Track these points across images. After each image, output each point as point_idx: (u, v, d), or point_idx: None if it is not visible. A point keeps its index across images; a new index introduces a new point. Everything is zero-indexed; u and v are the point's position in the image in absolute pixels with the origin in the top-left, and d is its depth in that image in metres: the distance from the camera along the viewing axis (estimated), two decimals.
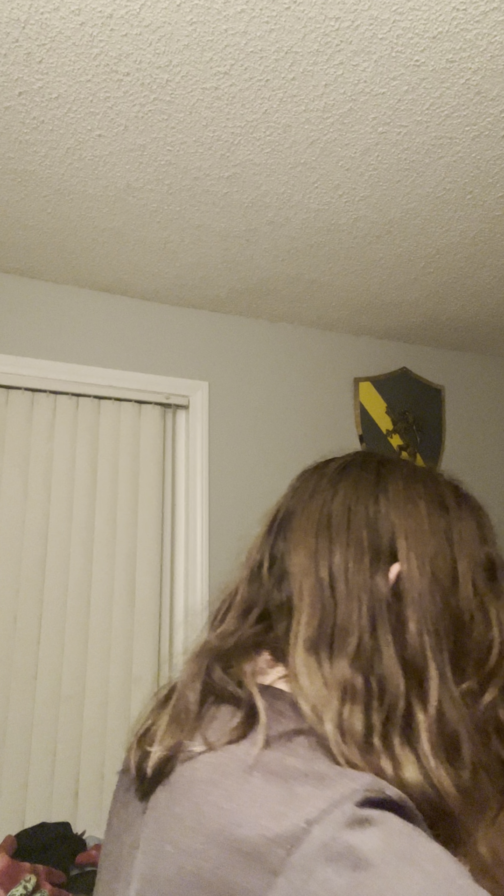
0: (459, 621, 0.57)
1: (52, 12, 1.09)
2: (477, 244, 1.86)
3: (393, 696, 0.53)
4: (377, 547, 0.59)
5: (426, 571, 0.58)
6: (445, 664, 0.56)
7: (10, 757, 1.69)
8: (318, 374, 2.41)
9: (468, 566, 0.59)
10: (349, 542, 0.60)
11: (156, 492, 2.01)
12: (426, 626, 0.56)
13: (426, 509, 0.61)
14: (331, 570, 0.59)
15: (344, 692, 0.53)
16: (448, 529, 0.61)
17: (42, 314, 2.01)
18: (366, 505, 0.62)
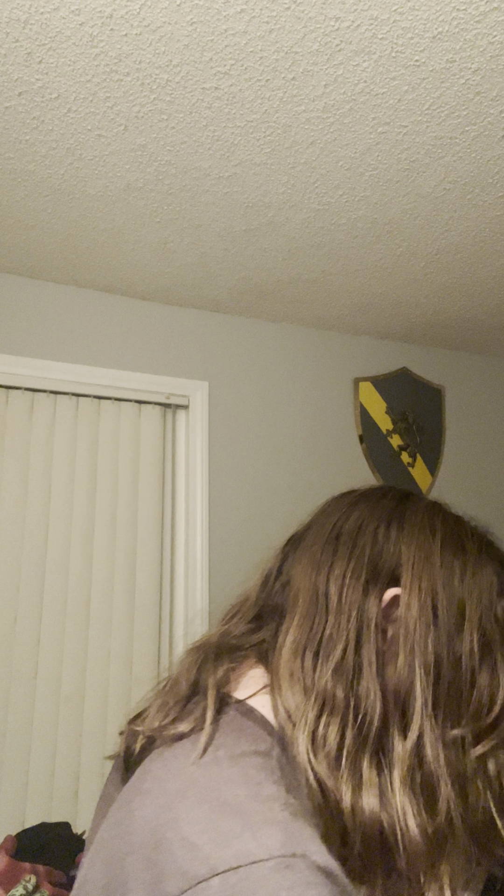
0: (459, 665, 0.56)
1: (52, 12, 1.09)
2: (477, 244, 1.86)
3: (368, 716, 0.53)
4: (378, 568, 0.59)
5: (426, 604, 0.57)
6: (436, 701, 0.54)
7: (10, 757, 1.69)
8: (318, 374, 2.41)
9: (478, 612, 0.57)
10: (351, 558, 0.60)
11: (156, 492, 2.01)
12: (418, 657, 0.55)
13: (441, 545, 0.60)
14: (328, 580, 0.59)
15: (323, 703, 0.53)
16: (462, 569, 0.59)
17: (42, 314, 2.01)
18: (377, 526, 0.61)
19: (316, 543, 0.63)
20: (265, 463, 2.23)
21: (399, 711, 0.54)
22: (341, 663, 0.55)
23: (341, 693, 0.53)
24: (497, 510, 2.64)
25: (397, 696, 0.55)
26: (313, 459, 2.32)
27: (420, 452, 2.52)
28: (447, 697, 0.55)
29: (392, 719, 0.54)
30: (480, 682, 0.56)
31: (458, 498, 2.57)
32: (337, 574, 0.59)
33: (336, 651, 0.55)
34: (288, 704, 0.53)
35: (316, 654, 0.56)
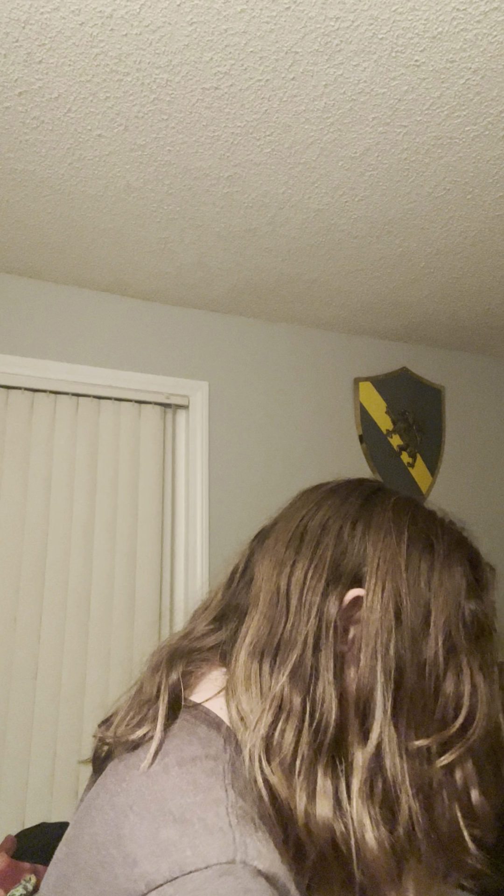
0: (423, 671, 0.53)
1: (52, 12, 1.09)
2: (477, 244, 1.86)
3: (324, 721, 0.51)
4: (340, 568, 0.57)
5: (389, 607, 0.54)
6: (397, 708, 0.52)
7: (10, 757, 1.69)
8: (318, 374, 2.41)
9: (444, 616, 0.55)
10: (313, 557, 0.58)
11: (156, 492, 2.01)
12: (380, 661, 0.53)
13: (408, 545, 0.58)
14: (289, 581, 0.57)
15: (279, 709, 0.51)
16: (429, 572, 0.57)
17: (42, 314, 2.01)
18: (341, 525, 0.59)
19: (280, 540, 0.61)
20: (265, 463, 2.23)
21: (359, 718, 0.52)
22: (298, 667, 0.53)
23: (298, 698, 0.51)
24: (497, 510, 2.64)
25: (357, 701, 0.53)
26: (313, 459, 2.32)
27: (420, 452, 2.52)
28: (410, 704, 0.53)
29: (351, 726, 0.52)
30: (446, 690, 0.54)
31: (458, 498, 2.57)
32: (298, 574, 0.57)
33: (293, 654, 0.54)
34: (242, 708, 0.52)
35: (273, 656, 0.54)
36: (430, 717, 0.53)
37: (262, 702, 0.52)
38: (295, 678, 0.53)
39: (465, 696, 0.54)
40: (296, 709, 0.51)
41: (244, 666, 0.55)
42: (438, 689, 0.53)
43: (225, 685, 0.56)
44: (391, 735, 0.51)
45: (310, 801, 0.48)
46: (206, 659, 0.60)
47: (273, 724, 0.50)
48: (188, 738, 0.51)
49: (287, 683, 0.52)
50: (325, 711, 0.51)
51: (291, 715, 0.51)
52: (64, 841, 0.50)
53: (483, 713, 0.54)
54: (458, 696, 0.54)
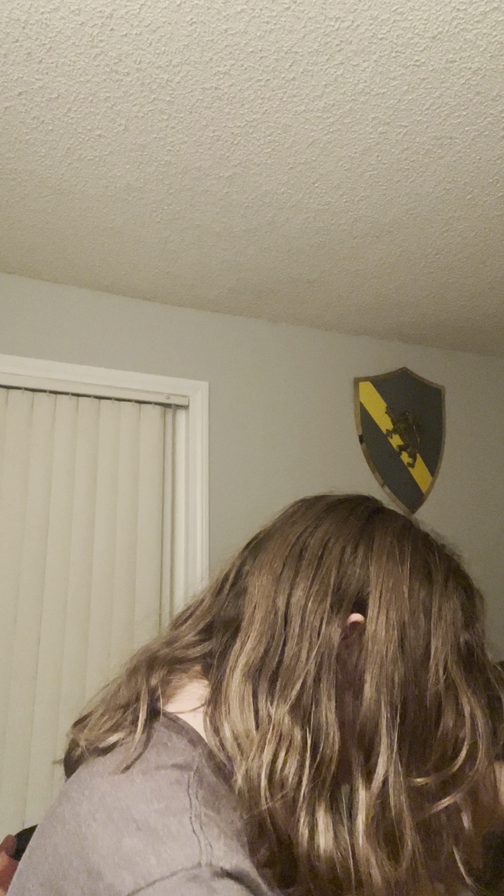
0: (424, 705, 0.52)
1: (52, 12, 1.09)
2: (477, 244, 1.86)
3: (326, 757, 0.50)
4: (342, 592, 0.55)
5: (394, 636, 0.53)
6: (402, 745, 0.51)
7: (10, 757, 1.69)
8: (318, 374, 2.41)
9: (444, 646, 0.54)
10: (314, 579, 0.56)
11: (156, 492, 2.01)
12: (385, 694, 0.51)
13: (409, 571, 0.56)
14: (289, 602, 0.55)
15: (280, 740, 0.49)
16: (428, 601, 0.55)
17: (42, 314, 2.01)
18: (344, 546, 0.57)
19: (277, 555, 0.59)
20: (265, 463, 2.23)
21: (363, 752, 0.51)
22: (301, 697, 0.51)
23: (299, 730, 0.50)
24: (497, 510, 2.64)
25: (362, 736, 0.51)
26: (313, 459, 2.32)
27: (420, 452, 2.52)
28: (412, 739, 0.51)
29: (354, 761, 0.51)
30: (445, 725, 0.52)
31: (458, 498, 2.57)
32: (299, 595, 0.55)
33: (296, 682, 0.52)
34: (237, 730, 0.50)
35: (272, 681, 0.52)
36: (430, 752, 0.52)
37: (258, 730, 0.50)
38: (297, 709, 0.51)
39: (464, 732, 0.53)
40: (297, 742, 0.50)
41: (239, 688, 0.53)
42: (438, 723, 0.52)
43: (207, 700, 0.54)
44: (397, 772, 0.50)
45: (311, 835, 0.47)
46: (186, 670, 0.58)
47: (274, 756, 0.49)
48: (158, 749, 0.49)
49: (289, 714, 0.51)
50: (329, 744, 0.50)
51: (292, 748, 0.49)
52: (28, 851, 0.49)
53: (483, 751, 0.53)
54: (458, 731, 0.53)
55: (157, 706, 0.54)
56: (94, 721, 0.54)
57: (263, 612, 0.56)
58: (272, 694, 0.52)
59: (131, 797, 0.45)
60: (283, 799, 0.48)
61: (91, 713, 0.57)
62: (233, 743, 0.50)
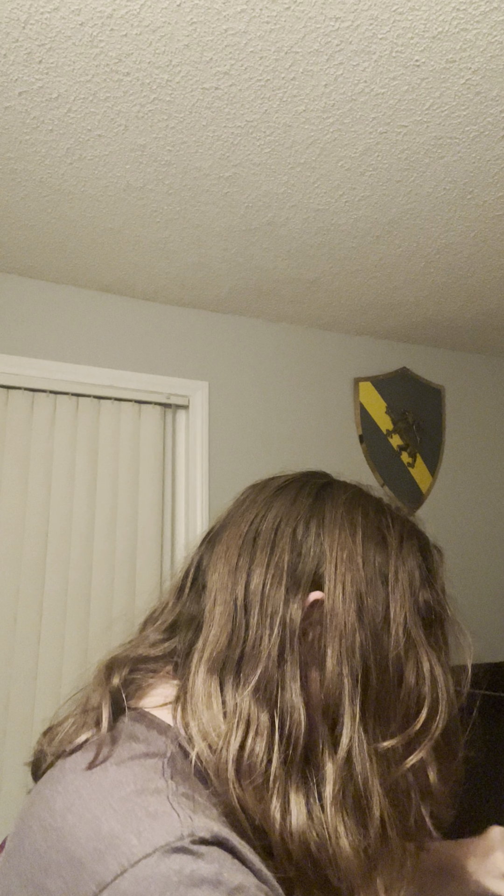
0: (387, 669, 0.53)
1: (52, 12, 1.09)
2: (477, 244, 1.86)
3: (294, 735, 0.50)
4: (299, 572, 0.55)
5: (352, 606, 0.53)
6: (365, 712, 0.51)
7: (11, 757, 1.69)
8: (318, 374, 2.41)
9: (402, 609, 0.54)
10: (269, 564, 0.56)
11: (156, 492, 2.01)
12: (346, 666, 0.52)
13: (362, 541, 0.56)
14: (247, 590, 0.55)
15: (247, 726, 0.50)
16: (384, 566, 0.56)
17: (42, 314, 2.01)
18: (295, 527, 0.57)
19: (231, 546, 0.59)
20: (265, 463, 2.23)
21: (327, 724, 0.51)
22: (263, 681, 0.51)
23: (265, 714, 0.50)
24: (497, 510, 2.64)
25: (326, 709, 0.52)
26: (313, 459, 2.32)
27: (420, 452, 2.52)
28: (376, 705, 0.52)
29: (320, 734, 0.51)
30: (407, 683, 0.53)
31: (458, 498, 2.57)
32: (256, 582, 0.55)
33: (257, 668, 0.52)
34: (204, 727, 0.50)
35: (236, 672, 0.53)
36: (394, 714, 0.53)
37: (226, 720, 0.50)
38: (260, 693, 0.51)
39: (426, 689, 0.53)
40: (263, 725, 0.50)
41: (204, 683, 0.53)
42: (401, 684, 0.53)
43: (175, 698, 0.54)
44: (360, 740, 0.51)
45: (283, 816, 0.48)
46: (155, 670, 0.58)
47: (242, 743, 0.49)
48: (128, 742, 0.49)
49: (252, 699, 0.51)
50: (294, 724, 0.50)
51: (259, 732, 0.49)
52: (5, 855, 0.48)
53: (444, 705, 0.54)
54: (420, 689, 0.53)
55: (123, 704, 0.54)
56: (64, 731, 0.54)
57: (223, 605, 0.56)
58: (236, 684, 0.52)
59: (106, 786, 0.45)
60: (253, 784, 0.48)
61: (61, 723, 0.56)
62: (201, 741, 0.49)
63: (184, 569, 0.65)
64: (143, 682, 0.57)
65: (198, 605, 0.60)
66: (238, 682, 0.52)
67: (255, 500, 0.62)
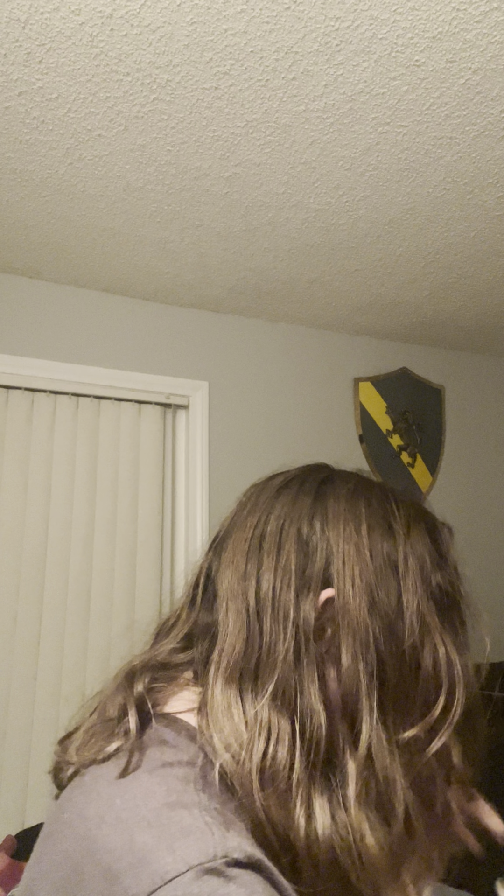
0: (403, 659, 0.52)
1: (53, 12, 1.09)
2: (477, 244, 1.85)
3: (315, 737, 0.49)
4: (308, 572, 0.54)
5: (363, 600, 0.53)
6: (383, 705, 0.51)
7: (10, 757, 1.69)
8: (318, 374, 2.41)
9: (414, 597, 0.54)
10: (277, 567, 0.55)
11: (156, 492, 2.01)
12: (362, 661, 0.51)
13: (368, 532, 0.56)
14: (258, 596, 0.54)
15: (269, 736, 0.49)
16: (393, 554, 0.55)
17: (42, 314, 2.01)
18: (299, 526, 0.57)
19: (238, 551, 0.58)
20: (265, 463, 2.23)
21: (347, 723, 0.51)
22: (281, 687, 0.51)
23: (285, 720, 0.50)
24: (497, 510, 2.64)
25: (345, 707, 0.51)
26: (313, 459, 2.31)
27: (420, 452, 2.52)
28: (395, 696, 0.52)
29: (340, 733, 0.51)
30: (425, 670, 0.53)
31: (458, 498, 2.57)
32: (266, 587, 0.54)
33: (274, 674, 0.51)
34: (226, 738, 0.50)
35: (254, 680, 0.52)
36: (413, 703, 0.52)
37: (247, 730, 0.50)
38: (279, 700, 0.51)
39: (443, 673, 0.53)
40: (284, 731, 0.49)
41: (223, 693, 0.52)
42: (418, 672, 0.53)
43: (199, 706, 0.54)
44: (380, 735, 0.50)
45: (308, 822, 0.47)
46: (175, 678, 0.57)
47: (264, 752, 0.49)
48: (159, 748, 0.49)
49: (271, 706, 0.50)
50: (315, 727, 0.50)
51: (281, 739, 0.49)
52: (35, 857, 0.47)
53: (462, 687, 0.53)
54: (437, 674, 0.53)
55: (149, 710, 0.53)
56: (83, 741, 0.53)
57: (235, 613, 0.55)
58: (255, 692, 0.52)
59: (139, 796, 0.45)
60: (276, 792, 0.48)
61: (76, 730, 0.55)
62: (225, 753, 0.49)
63: (193, 577, 0.64)
64: (167, 689, 0.56)
65: (211, 614, 0.59)
66: (256, 690, 0.52)
67: (258, 502, 0.62)
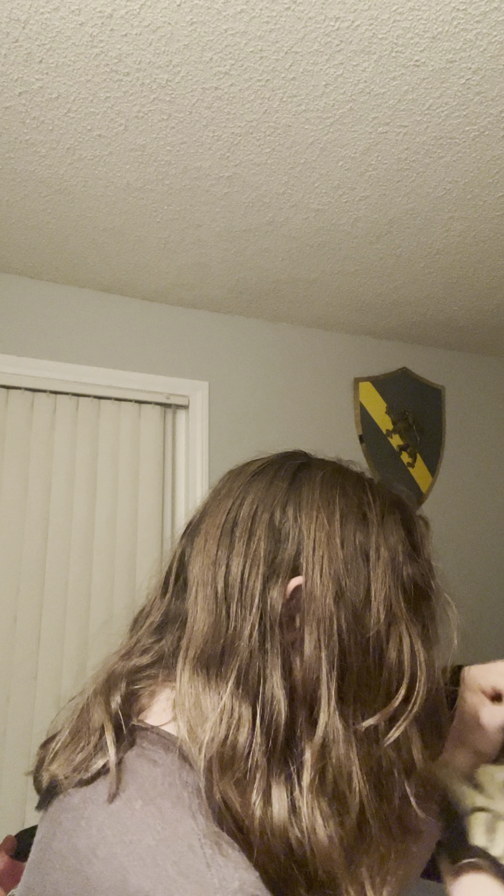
0: (367, 649, 0.51)
1: (52, 12, 1.09)
2: (477, 244, 1.85)
3: (274, 723, 0.49)
4: (278, 560, 0.53)
5: (330, 588, 0.52)
6: (343, 694, 0.50)
7: (10, 757, 1.69)
8: (318, 374, 2.41)
9: (383, 587, 0.53)
10: (248, 553, 0.54)
11: (156, 492, 2.01)
12: (324, 649, 0.51)
13: (341, 520, 0.55)
14: (226, 582, 0.53)
15: (230, 720, 0.49)
16: (365, 544, 0.54)
17: (42, 314, 2.01)
18: (272, 512, 0.55)
19: (210, 538, 0.57)
20: None
21: (307, 710, 0.50)
22: (243, 673, 0.50)
23: (247, 706, 0.49)
24: (497, 510, 2.64)
25: (305, 693, 0.51)
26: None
27: (420, 452, 2.52)
28: (357, 685, 0.51)
29: (299, 719, 0.50)
30: (389, 661, 0.52)
31: (458, 498, 2.57)
32: (234, 574, 0.53)
33: (238, 660, 0.51)
34: (192, 726, 0.49)
35: (219, 666, 0.51)
36: (375, 692, 0.52)
37: (212, 716, 0.49)
38: (241, 686, 0.50)
39: (405, 665, 0.52)
40: (245, 718, 0.49)
41: (190, 682, 0.51)
42: (382, 662, 0.52)
43: (173, 705, 0.53)
44: (337, 723, 0.50)
45: (264, 809, 0.46)
46: (152, 676, 0.56)
47: (224, 737, 0.48)
48: (149, 769, 0.47)
49: (234, 692, 0.50)
50: (275, 713, 0.49)
51: (241, 725, 0.48)
52: (24, 888, 0.46)
53: (423, 680, 0.52)
54: (401, 665, 0.52)
55: (131, 723, 0.52)
56: (63, 745, 0.52)
57: (203, 599, 0.54)
58: (220, 679, 0.51)
59: (133, 829, 0.43)
60: (234, 777, 0.47)
61: (58, 733, 0.54)
62: (192, 743, 0.48)
63: (167, 564, 0.63)
64: (145, 693, 0.55)
65: (182, 601, 0.58)
66: (221, 677, 0.51)
67: (232, 487, 0.60)
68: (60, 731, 0.54)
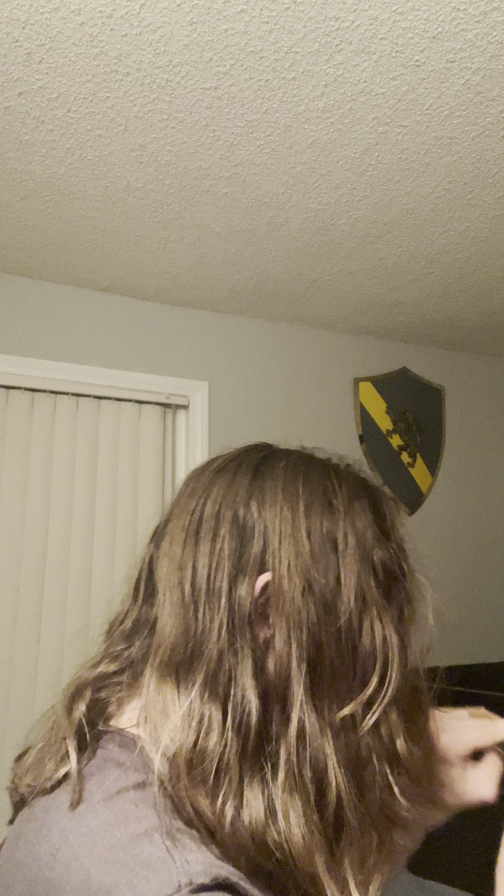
0: (339, 640, 0.50)
1: (52, 12, 1.09)
2: (477, 244, 1.85)
3: (244, 723, 0.48)
4: (245, 557, 0.52)
5: (298, 582, 0.51)
6: (316, 687, 0.49)
7: (10, 757, 1.68)
8: (318, 374, 2.41)
9: (354, 575, 0.52)
10: (213, 552, 0.53)
11: (156, 492, 2.01)
12: (294, 644, 0.49)
13: (305, 510, 0.53)
14: (193, 583, 0.52)
15: (199, 725, 0.47)
16: (332, 532, 0.53)
17: (42, 314, 2.00)
18: (236, 509, 0.54)
19: (175, 540, 0.56)
20: None
21: (280, 706, 0.49)
22: (211, 675, 0.49)
23: (217, 709, 0.48)
24: (497, 510, 2.64)
25: (276, 690, 0.50)
26: None
27: (420, 452, 2.52)
28: (331, 677, 0.50)
29: (272, 717, 0.49)
30: (363, 647, 0.51)
31: (458, 498, 2.57)
32: (201, 575, 0.52)
33: (205, 662, 0.49)
34: (160, 735, 0.48)
35: (187, 670, 0.50)
36: (350, 682, 0.50)
37: (181, 722, 0.48)
38: (209, 688, 0.49)
39: (377, 650, 0.51)
40: (215, 720, 0.48)
41: (157, 687, 0.50)
42: (356, 650, 0.51)
43: (141, 707, 0.52)
44: (310, 716, 0.48)
45: (237, 814, 0.45)
46: (120, 683, 0.55)
47: (193, 743, 0.47)
48: (111, 770, 0.47)
49: (202, 695, 0.49)
50: (246, 714, 0.48)
51: (211, 729, 0.47)
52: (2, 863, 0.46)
53: (396, 664, 0.51)
54: (374, 646, 0.51)
55: (95, 729, 0.51)
56: (34, 759, 0.51)
57: (171, 603, 0.53)
58: (188, 681, 0.50)
59: (95, 830, 0.42)
60: (204, 784, 0.46)
61: (32, 747, 0.54)
62: (159, 750, 0.47)
63: (136, 568, 0.62)
64: (113, 699, 0.54)
65: (151, 606, 0.57)
66: (189, 681, 0.50)
67: (195, 487, 0.59)
68: (34, 745, 0.54)
